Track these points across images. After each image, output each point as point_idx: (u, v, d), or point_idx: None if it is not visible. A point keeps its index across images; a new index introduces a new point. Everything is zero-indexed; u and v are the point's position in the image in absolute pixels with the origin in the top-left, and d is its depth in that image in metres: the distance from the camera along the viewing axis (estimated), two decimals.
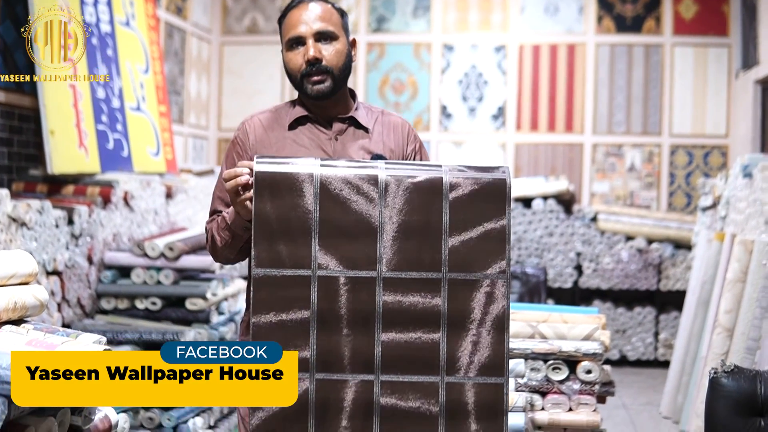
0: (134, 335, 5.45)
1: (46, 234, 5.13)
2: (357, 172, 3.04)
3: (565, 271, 9.20)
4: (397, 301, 3.04)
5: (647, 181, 10.10)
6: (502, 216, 3.07)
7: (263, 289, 3.02)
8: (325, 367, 3.04)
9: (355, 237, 3.04)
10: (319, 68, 3.37)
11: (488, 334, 3.06)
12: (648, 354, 9.18)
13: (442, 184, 3.06)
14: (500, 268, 3.06)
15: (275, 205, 3.02)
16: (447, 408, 3.06)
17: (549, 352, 4.42)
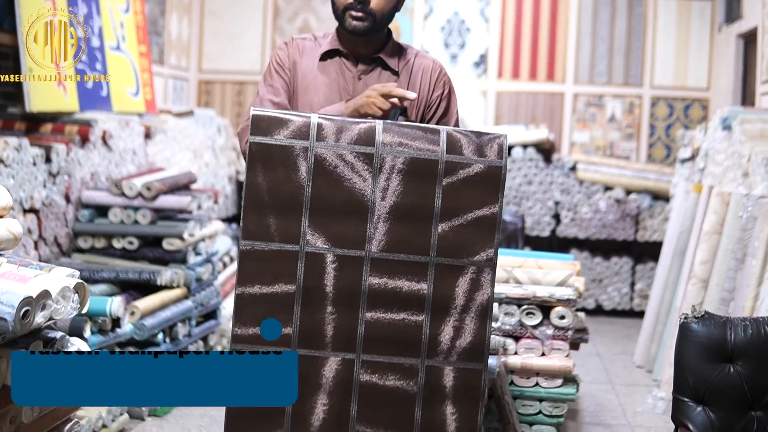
0: (111, 274, 5.45)
1: (23, 172, 5.10)
2: (353, 149, 3.03)
3: (543, 219, 9.21)
4: (384, 282, 3.04)
5: (627, 132, 10.10)
6: (494, 203, 3.07)
7: (250, 261, 3.02)
8: (307, 343, 3.05)
9: (346, 215, 3.03)
10: (363, 8, 3.36)
11: (471, 320, 3.07)
12: (623, 304, 9.23)
13: (437, 168, 3.05)
14: (488, 255, 3.07)
15: (268, 177, 3.01)
16: (425, 390, 3.08)
17: (523, 297, 4.44)
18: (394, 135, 3.04)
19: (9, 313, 2.54)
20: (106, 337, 4.91)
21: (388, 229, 3.03)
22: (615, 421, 5.75)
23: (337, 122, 3.04)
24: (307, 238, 3.01)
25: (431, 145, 3.03)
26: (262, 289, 3.02)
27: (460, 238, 3.05)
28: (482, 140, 3.07)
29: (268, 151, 3.00)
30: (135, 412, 5.28)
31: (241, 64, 10.48)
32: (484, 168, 3.05)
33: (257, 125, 3.01)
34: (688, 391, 3.24)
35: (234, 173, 9.24)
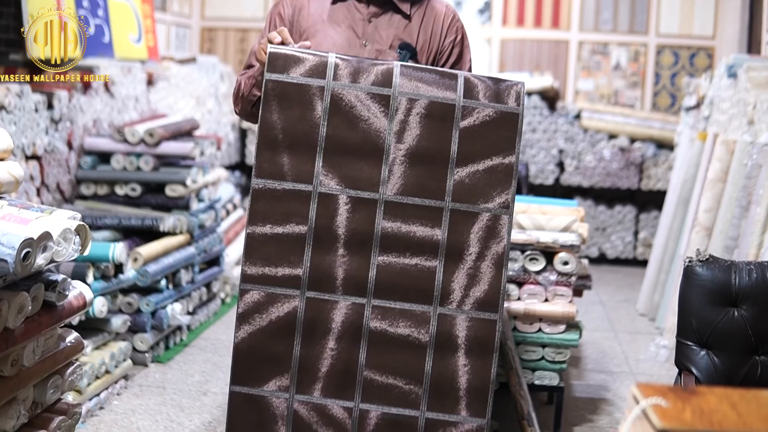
0: (113, 221, 5.44)
1: (25, 118, 5.08)
2: (370, 89, 3.00)
3: (547, 167, 9.19)
4: (397, 226, 3.02)
5: (632, 81, 10.05)
6: (511, 151, 3.04)
7: (261, 200, 3.00)
8: (317, 286, 3.03)
9: (361, 157, 3.01)
10: None
11: (486, 269, 3.04)
12: (627, 252, 9.23)
13: (454, 112, 3.02)
14: (504, 202, 3.04)
15: (283, 116, 2.98)
16: (437, 339, 3.05)
17: (527, 243, 4.43)
18: (411, 78, 3.01)
19: (10, 255, 2.53)
20: (109, 283, 4.91)
21: (403, 173, 3.01)
22: (617, 368, 5.76)
23: (353, 63, 3.01)
24: (321, 178, 2.99)
25: (448, 90, 3.01)
26: (273, 229, 3.00)
27: (476, 184, 3.03)
28: (500, 87, 3.04)
29: (284, 89, 2.98)
30: (138, 358, 5.29)
31: (244, 11, 10.41)
32: (501, 114, 3.02)
33: (273, 63, 2.99)
34: (691, 335, 3.23)
35: (237, 120, 9.21)
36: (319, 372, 3.05)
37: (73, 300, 3.03)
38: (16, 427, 2.86)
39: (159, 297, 5.40)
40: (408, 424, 3.06)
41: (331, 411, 3.06)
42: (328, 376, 3.05)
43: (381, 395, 3.06)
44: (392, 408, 3.06)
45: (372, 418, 3.06)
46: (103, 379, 4.74)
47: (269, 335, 3.03)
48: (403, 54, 3.33)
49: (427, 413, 3.06)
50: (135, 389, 5.03)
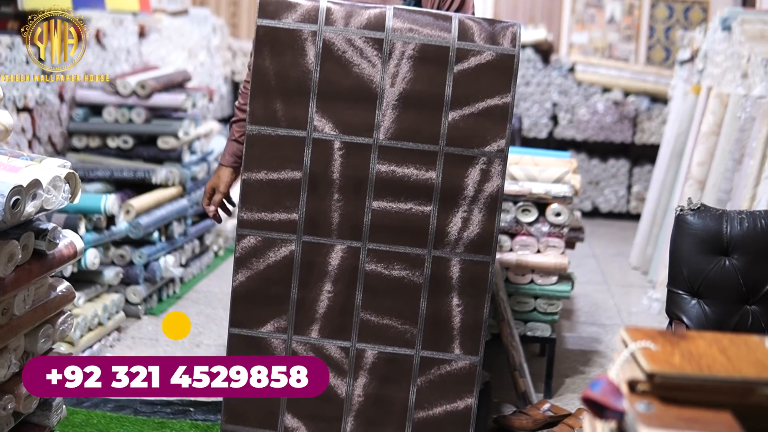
0: (105, 173, 5.43)
1: (16, 70, 5.05)
2: (362, 33, 2.98)
3: (541, 121, 9.17)
4: (391, 171, 3.02)
5: (626, 34, 10.01)
6: (506, 93, 3.03)
7: (256, 146, 3.01)
8: (313, 230, 3.05)
9: (354, 102, 3.00)
10: None
11: (479, 212, 3.05)
12: (620, 206, 9.23)
13: (448, 54, 3.00)
14: (498, 146, 3.04)
15: (275, 62, 2.98)
16: (431, 281, 3.08)
17: (519, 194, 4.43)
18: (404, 21, 3.00)
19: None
20: (101, 235, 4.90)
21: (397, 117, 3.01)
22: (609, 321, 5.78)
23: (346, 6, 3.00)
24: (315, 124, 2.99)
25: (442, 31, 2.99)
26: (268, 175, 3.01)
27: (470, 128, 3.02)
28: (495, 28, 3.03)
29: (276, 34, 2.97)
30: (131, 310, 5.30)
31: None
32: (496, 56, 3.01)
33: (265, 8, 2.97)
34: (682, 284, 3.23)
35: (229, 73, 9.18)
36: (317, 314, 3.09)
37: (64, 249, 3.02)
38: (7, 376, 2.86)
39: (151, 249, 5.39)
40: (403, 361, 3.12)
41: (328, 351, 3.12)
42: (325, 318, 3.09)
43: (377, 335, 3.11)
44: (388, 347, 3.11)
45: (368, 357, 3.12)
46: (96, 331, 4.75)
47: (266, 279, 3.07)
48: (408, 1, 3.31)
49: (422, 351, 3.11)
50: (128, 341, 5.03)
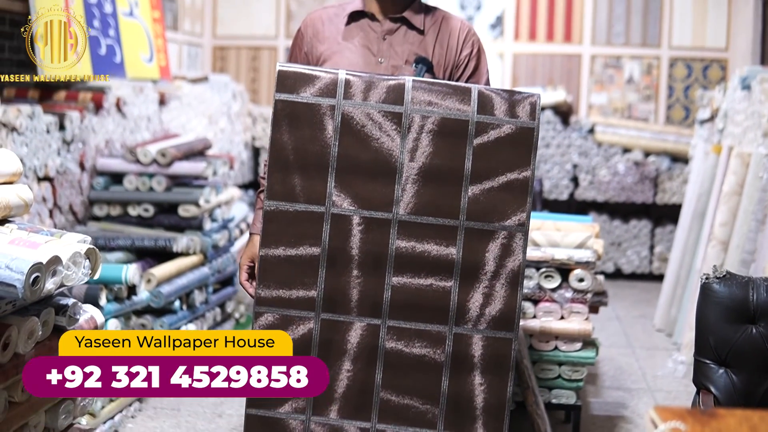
0: (126, 242, 5.43)
1: (37, 140, 5.07)
2: (381, 107, 2.97)
3: (561, 182, 9.15)
4: (411, 246, 2.99)
5: (645, 94, 10.02)
6: (526, 167, 3.00)
7: (274, 222, 2.98)
8: (332, 307, 3.00)
9: (374, 176, 2.98)
10: None
11: (501, 287, 3.01)
12: (643, 267, 9.18)
13: (468, 128, 2.99)
14: (519, 220, 3.00)
15: (293, 136, 2.96)
16: (453, 359, 3.02)
17: (542, 260, 4.40)
18: (423, 93, 2.98)
19: (18, 280, 2.51)
20: (122, 305, 4.89)
21: (417, 191, 2.98)
22: (635, 385, 5.72)
23: (365, 78, 2.99)
24: (333, 199, 2.97)
25: (462, 104, 2.98)
26: (286, 251, 2.98)
27: (491, 202, 2.99)
28: (514, 99, 3.01)
29: (294, 108, 2.96)
30: None
31: (256, 29, 10.42)
32: (516, 129, 2.99)
33: (283, 82, 2.96)
34: (709, 353, 3.19)
35: (250, 139, 9.21)
36: (336, 393, 3.03)
37: (84, 324, 3.01)
38: None
39: (173, 318, 5.37)
40: None
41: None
42: (345, 398, 3.03)
43: (398, 415, 3.04)
44: (409, 428, 3.04)
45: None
46: (117, 401, 4.72)
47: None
48: (419, 68, 3.31)
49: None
50: (149, 411, 5.00)
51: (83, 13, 6.11)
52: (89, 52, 6.10)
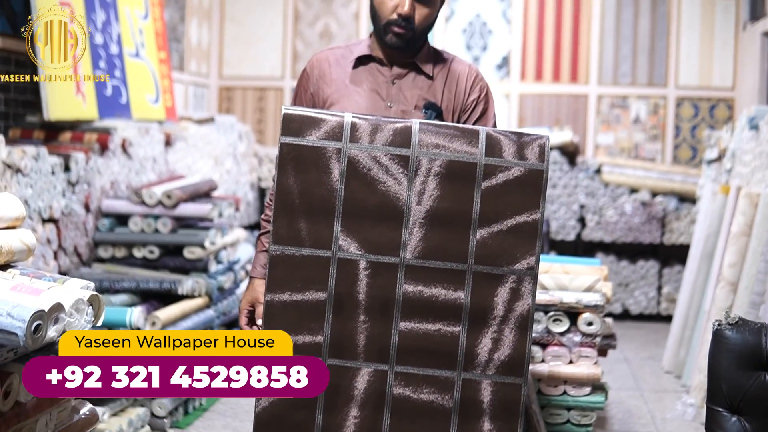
0: (131, 284, 5.40)
1: (41, 181, 5.06)
2: (388, 150, 2.94)
3: (568, 223, 9.12)
4: (419, 291, 2.94)
5: (652, 134, 10.00)
6: (535, 209, 2.96)
7: (280, 266, 2.93)
8: (338, 353, 2.96)
9: (380, 220, 2.94)
10: (407, 25, 3.29)
11: (510, 332, 2.96)
12: (651, 308, 9.13)
13: (476, 171, 2.96)
14: (528, 264, 2.96)
15: (299, 179, 2.92)
16: (461, 405, 2.98)
17: (550, 304, 4.36)
18: (430, 135, 2.95)
19: (20, 328, 2.48)
20: None
21: (424, 235, 2.94)
22: (644, 428, 5.67)
23: (371, 121, 2.95)
24: (340, 243, 2.93)
25: (470, 146, 2.94)
26: (292, 296, 2.94)
27: (499, 246, 2.95)
28: (522, 141, 2.97)
29: (300, 152, 2.92)
30: (157, 423, 5.22)
31: (262, 69, 10.44)
32: (524, 171, 2.95)
33: (288, 126, 2.93)
34: (722, 400, 3.14)
35: (256, 180, 9.19)
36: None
37: None
38: None
39: None
40: None
41: None
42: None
43: None
44: None
45: None
46: None
47: (291, 404, 2.96)
48: (428, 113, 3.30)
49: None
50: None
51: (89, 53, 6.12)
52: (95, 94, 6.11)
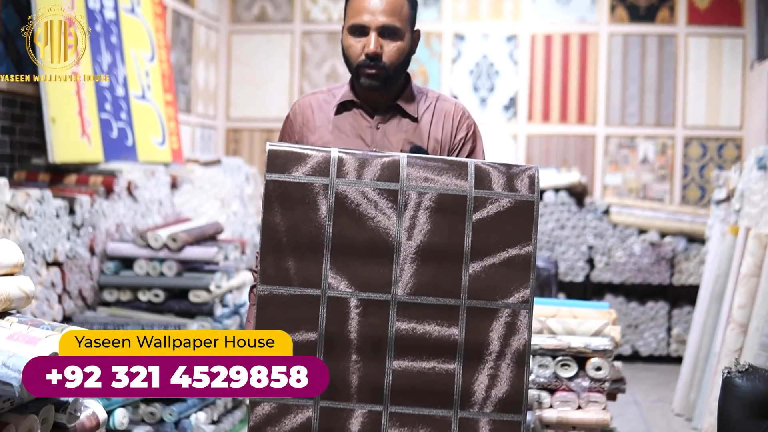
0: (136, 328, 5.35)
1: (46, 224, 5.03)
2: (376, 185, 2.90)
3: (577, 264, 9.08)
4: (412, 328, 2.88)
5: (660, 174, 9.98)
6: (528, 241, 2.91)
7: (268, 307, 2.87)
8: (331, 395, 2.88)
9: (370, 256, 2.88)
10: (377, 64, 3.25)
11: (507, 367, 2.90)
12: (660, 349, 9.07)
13: (466, 204, 2.92)
14: (523, 297, 2.90)
15: (286, 217, 2.87)
16: None
17: (558, 348, 4.31)
18: (419, 169, 2.90)
19: (15, 378, 2.44)
20: None
21: (416, 271, 2.89)
22: None
23: (358, 156, 2.90)
24: (329, 281, 2.87)
25: (459, 179, 2.90)
26: None
27: (493, 279, 2.89)
28: (512, 173, 2.93)
29: (286, 189, 2.86)
30: None
31: (269, 111, 10.44)
32: (515, 203, 2.90)
33: (274, 162, 2.88)
34: None
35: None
36: None
37: (86, 420, 2.92)
38: None
39: (182, 406, 5.27)
40: None
41: None
42: None
43: None
44: None
45: None
46: None
47: None
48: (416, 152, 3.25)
49: None
50: None
51: (95, 97, 6.12)
52: (100, 136, 6.10)
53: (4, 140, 5.76)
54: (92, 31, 6.18)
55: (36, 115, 5.93)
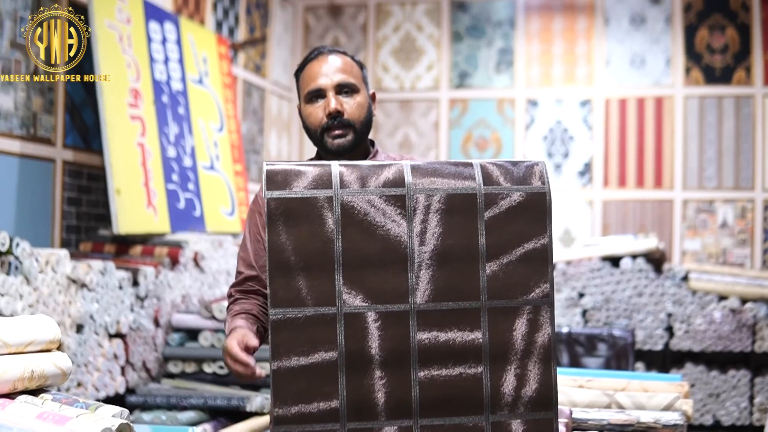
0: (199, 401, 5.30)
1: (108, 295, 5.02)
2: (382, 192, 2.80)
3: (656, 332, 8.87)
4: (434, 336, 2.77)
5: (740, 238, 9.76)
6: (543, 234, 2.81)
7: (283, 331, 2.73)
8: (358, 415, 2.76)
9: (384, 267, 2.76)
10: (340, 122, 3.26)
11: (534, 365, 2.80)
12: (743, 419, 8.80)
13: (476, 202, 2.82)
14: (543, 291, 2.80)
15: (291, 235, 2.75)
16: None
17: (626, 423, 4.16)
18: (424, 174, 2.80)
19: None
20: None
21: (432, 277, 2.77)
22: None
23: (360, 168, 2.79)
24: (344, 297, 2.74)
25: (466, 179, 2.80)
26: (300, 361, 2.72)
27: (511, 277, 2.78)
28: (519, 168, 2.83)
29: (289, 205, 2.74)
30: None
31: None
32: (527, 196, 2.80)
33: (272, 180, 2.76)
34: None
35: None
36: None
37: None
38: None
39: None
40: None
41: None
42: None
43: None
44: None
45: None
46: None
47: None
48: None
49: None
50: None
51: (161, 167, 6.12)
52: (167, 207, 6.09)
53: (70, 211, 5.78)
54: (158, 102, 6.19)
55: (102, 186, 5.95)
